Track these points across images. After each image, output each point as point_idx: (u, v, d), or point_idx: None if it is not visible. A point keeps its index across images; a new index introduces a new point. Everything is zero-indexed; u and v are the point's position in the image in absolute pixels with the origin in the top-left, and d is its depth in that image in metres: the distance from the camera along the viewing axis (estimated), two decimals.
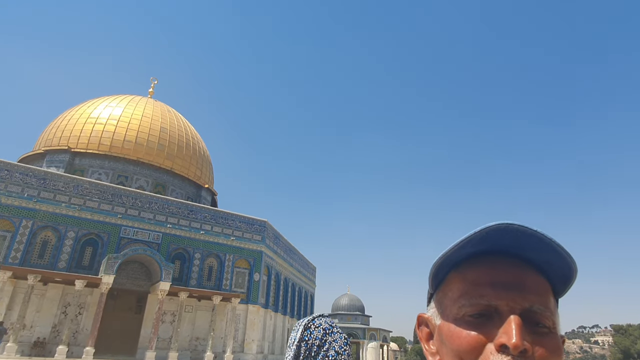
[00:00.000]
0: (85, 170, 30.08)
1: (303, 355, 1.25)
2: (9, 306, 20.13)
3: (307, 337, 1.27)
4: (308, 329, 1.30)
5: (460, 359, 0.65)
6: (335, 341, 1.29)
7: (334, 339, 1.29)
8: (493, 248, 0.69)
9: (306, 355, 1.25)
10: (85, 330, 21.42)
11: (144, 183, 31.40)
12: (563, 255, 0.66)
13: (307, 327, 1.30)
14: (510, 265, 0.69)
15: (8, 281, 19.88)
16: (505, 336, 0.61)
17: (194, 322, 25.41)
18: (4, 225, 21.27)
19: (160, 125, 33.78)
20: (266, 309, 29.65)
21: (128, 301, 24.10)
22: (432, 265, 0.72)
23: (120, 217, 24.34)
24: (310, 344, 1.26)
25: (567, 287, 0.71)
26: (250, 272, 28.19)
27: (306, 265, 42.04)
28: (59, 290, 21.69)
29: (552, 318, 0.66)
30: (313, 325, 1.30)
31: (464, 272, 0.70)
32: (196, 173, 35.55)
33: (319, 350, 1.25)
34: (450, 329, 0.67)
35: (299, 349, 1.26)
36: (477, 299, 0.66)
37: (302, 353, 1.25)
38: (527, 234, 0.65)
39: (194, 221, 27.09)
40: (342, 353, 1.26)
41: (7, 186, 21.83)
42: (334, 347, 1.26)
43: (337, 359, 1.25)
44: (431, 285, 0.77)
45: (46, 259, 21.91)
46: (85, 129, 31.44)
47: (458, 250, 0.69)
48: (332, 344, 1.27)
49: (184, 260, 26.19)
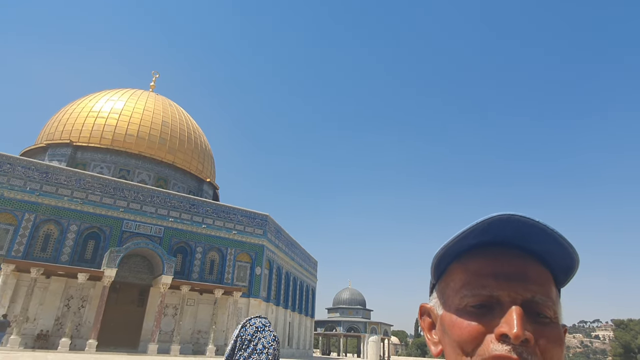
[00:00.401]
0: (87, 164, 30.16)
1: (238, 348, 1.57)
2: (12, 299, 20.30)
3: (242, 334, 1.60)
4: (244, 327, 1.62)
5: (461, 348, 0.65)
6: (265, 337, 1.61)
7: (264, 335, 1.61)
8: (495, 239, 0.69)
9: (240, 348, 1.57)
10: (88, 323, 21.60)
11: (145, 177, 31.48)
12: (565, 245, 0.66)
13: (244, 325, 1.62)
14: (512, 256, 0.69)
15: (11, 274, 20.03)
16: (506, 326, 0.61)
17: (195, 316, 25.59)
18: (6, 218, 21.39)
19: (161, 119, 33.79)
20: (268, 303, 29.83)
21: (130, 294, 24.27)
22: (434, 256, 0.73)
23: (122, 211, 24.43)
24: (243, 339, 1.59)
25: (568, 277, 0.71)
26: (251, 265, 28.32)
27: (307, 259, 42.19)
28: (61, 283, 21.84)
29: (554, 308, 0.66)
30: (249, 323, 1.63)
31: (466, 263, 0.71)
32: (198, 167, 35.61)
33: (249, 344, 1.57)
34: (452, 319, 0.68)
35: (235, 343, 1.58)
36: (479, 289, 0.66)
37: (237, 346, 1.57)
38: (528, 225, 0.65)
39: (195, 215, 27.18)
40: (269, 347, 1.58)
41: (10, 180, 21.91)
42: (262, 342, 1.59)
43: (263, 352, 1.56)
44: (433, 276, 0.77)
45: (49, 252, 22.05)
46: (87, 122, 31.48)
47: (460, 241, 0.69)
48: (260, 339, 1.59)
49: (186, 253, 26.32)
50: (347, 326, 54.44)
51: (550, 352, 0.63)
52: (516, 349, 0.60)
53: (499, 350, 0.60)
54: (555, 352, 0.63)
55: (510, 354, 0.60)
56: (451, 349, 0.67)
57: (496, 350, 0.60)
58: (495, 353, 0.60)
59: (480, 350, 0.62)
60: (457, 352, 0.66)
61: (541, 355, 0.61)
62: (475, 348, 0.63)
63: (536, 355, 0.61)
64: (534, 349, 0.61)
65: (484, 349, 0.62)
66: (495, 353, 0.60)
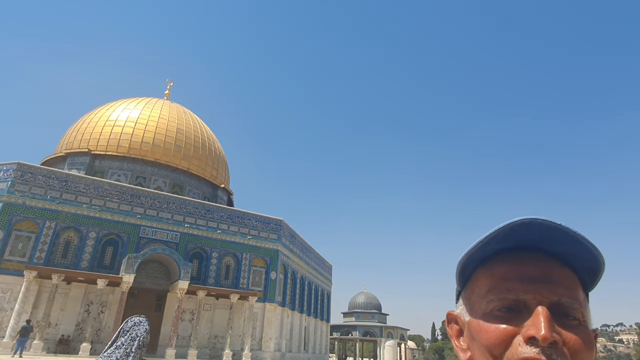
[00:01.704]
0: (105, 172, 30.78)
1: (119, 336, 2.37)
2: (35, 305, 20.80)
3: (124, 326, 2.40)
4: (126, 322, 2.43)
5: (490, 352, 0.65)
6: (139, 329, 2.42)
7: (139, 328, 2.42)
8: (519, 244, 0.69)
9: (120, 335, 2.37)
10: (108, 328, 21.96)
11: (161, 184, 31.95)
12: (589, 247, 0.65)
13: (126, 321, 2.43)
14: (537, 260, 0.68)
15: (33, 281, 20.52)
16: (534, 328, 0.61)
17: (212, 320, 25.76)
18: (28, 226, 21.96)
19: (176, 127, 34.30)
20: (283, 307, 29.84)
21: (148, 299, 24.59)
22: (457, 263, 0.73)
23: (139, 218, 24.83)
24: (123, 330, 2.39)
25: (595, 279, 0.70)
26: (266, 270, 28.40)
27: (322, 264, 42.10)
28: (81, 289, 22.28)
29: (582, 310, 0.66)
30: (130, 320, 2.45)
31: (491, 268, 0.70)
32: (212, 173, 35.98)
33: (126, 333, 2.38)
34: (480, 324, 0.67)
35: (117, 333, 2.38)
36: (505, 293, 0.66)
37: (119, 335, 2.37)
38: (551, 228, 0.65)
39: (211, 221, 27.44)
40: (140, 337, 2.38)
41: (31, 188, 22.50)
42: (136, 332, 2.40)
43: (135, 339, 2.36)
44: (458, 283, 0.77)
45: (69, 258, 22.53)
46: (104, 131, 32.16)
47: (483, 247, 0.69)
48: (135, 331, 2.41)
49: (202, 259, 26.56)
50: (362, 330, 54.02)
51: (580, 355, 0.62)
52: (545, 351, 0.59)
53: (527, 353, 0.60)
54: (586, 355, 0.62)
55: (539, 356, 0.59)
56: (480, 353, 0.67)
57: (525, 352, 0.60)
58: (523, 356, 0.60)
59: (509, 354, 0.62)
60: (486, 357, 0.65)
61: (571, 357, 0.61)
62: (504, 352, 0.63)
63: (566, 357, 0.60)
64: (562, 350, 0.60)
65: (513, 352, 0.62)
66: (524, 356, 0.60)
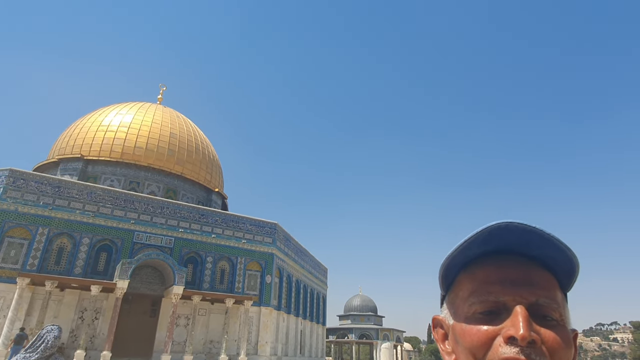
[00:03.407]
0: (98, 177, 30.55)
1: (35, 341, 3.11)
2: (28, 312, 20.54)
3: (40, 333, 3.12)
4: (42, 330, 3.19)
5: (472, 355, 0.67)
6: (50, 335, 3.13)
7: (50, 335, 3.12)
8: (499, 247, 0.72)
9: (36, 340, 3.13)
10: (102, 335, 21.74)
11: (155, 188, 31.77)
12: (564, 250, 0.69)
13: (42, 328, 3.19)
14: (516, 263, 0.72)
15: (26, 288, 20.27)
16: (513, 328, 0.63)
17: (207, 325, 25.60)
18: (21, 233, 21.72)
19: (169, 131, 34.16)
20: (279, 311, 29.74)
21: (143, 305, 24.38)
22: (440, 267, 0.76)
23: (133, 223, 24.67)
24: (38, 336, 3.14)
25: (571, 281, 0.74)
26: (261, 274, 28.31)
27: (317, 267, 42.05)
28: (75, 295, 22.05)
29: (560, 310, 0.69)
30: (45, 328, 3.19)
31: (472, 272, 0.74)
32: (206, 177, 35.85)
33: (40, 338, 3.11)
34: (463, 327, 0.70)
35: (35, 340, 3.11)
36: (486, 295, 0.69)
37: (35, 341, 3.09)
38: (527, 231, 0.68)
39: (205, 225, 27.32)
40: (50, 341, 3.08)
41: (24, 195, 22.28)
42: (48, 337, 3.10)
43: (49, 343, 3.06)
44: (442, 287, 0.80)
45: (62, 265, 22.31)
46: (97, 136, 31.94)
47: (464, 251, 0.72)
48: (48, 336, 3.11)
49: (197, 263, 26.42)
50: (358, 333, 53.97)
51: (559, 354, 0.64)
52: (524, 351, 0.62)
53: (507, 353, 0.62)
54: (564, 353, 0.65)
55: (518, 355, 0.62)
56: (464, 356, 0.69)
57: (505, 353, 0.63)
58: (504, 356, 0.62)
59: (490, 355, 0.65)
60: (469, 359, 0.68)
61: (549, 356, 0.63)
62: (486, 353, 0.65)
63: (544, 356, 0.62)
64: (541, 349, 0.63)
65: (494, 353, 0.64)
66: (504, 356, 0.62)
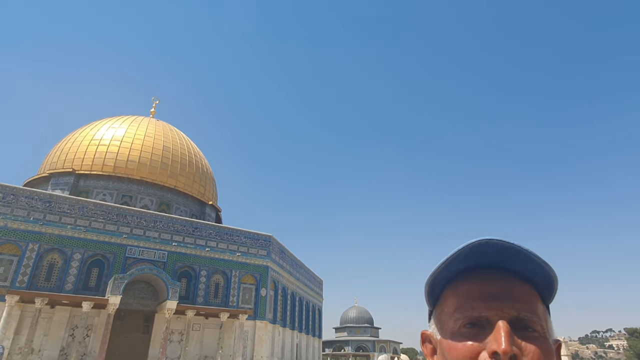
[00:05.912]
0: (90, 192, 30.28)
1: None
2: (17, 330, 20.09)
3: None
4: None
5: None
6: None
7: None
8: (481, 263, 0.76)
9: None
10: (93, 353, 21.31)
11: (148, 202, 31.55)
12: (541, 265, 0.73)
13: None
14: (498, 278, 0.76)
15: (16, 305, 19.88)
16: (495, 343, 0.67)
17: (202, 340, 25.22)
18: (10, 249, 21.38)
19: (162, 144, 34.09)
20: (274, 325, 29.42)
21: (135, 321, 24.00)
22: (425, 284, 0.80)
23: (125, 237, 24.41)
24: None
25: (551, 293, 0.78)
26: (256, 287, 28.07)
27: (313, 279, 41.79)
28: (66, 312, 21.65)
29: (541, 323, 0.72)
30: None
31: (457, 288, 0.77)
32: (200, 190, 35.71)
33: None
34: (449, 342, 0.74)
35: None
36: (470, 311, 0.73)
37: None
38: (506, 247, 0.72)
39: (199, 238, 27.12)
40: None
41: (14, 210, 22.00)
42: None
43: None
44: (429, 303, 0.84)
45: (53, 281, 21.94)
46: (89, 150, 31.77)
47: (447, 268, 0.76)
48: None
49: (190, 278, 26.14)
50: (355, 345, 53.48)
51: None
52: None
53: None
54: None
55: None
56: None
57: None
58: None
59: None
60: None
61: None
62: None
63: None
64: None
65: None
66: None
